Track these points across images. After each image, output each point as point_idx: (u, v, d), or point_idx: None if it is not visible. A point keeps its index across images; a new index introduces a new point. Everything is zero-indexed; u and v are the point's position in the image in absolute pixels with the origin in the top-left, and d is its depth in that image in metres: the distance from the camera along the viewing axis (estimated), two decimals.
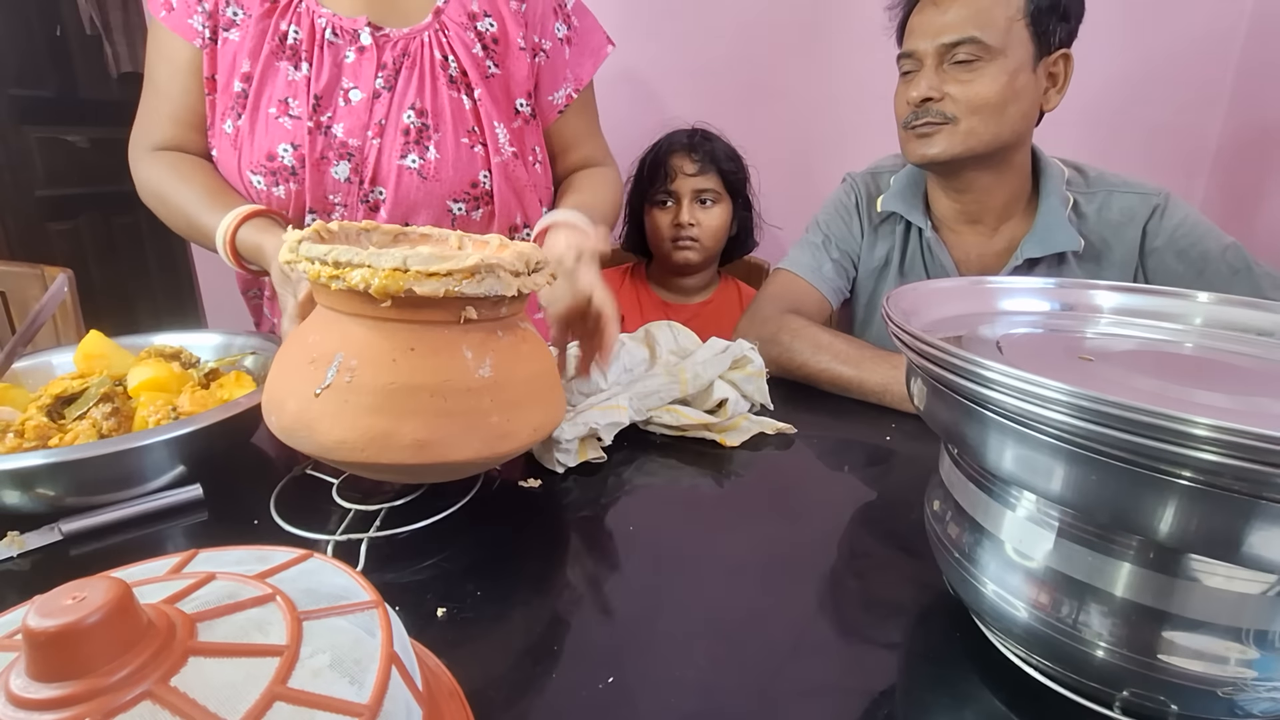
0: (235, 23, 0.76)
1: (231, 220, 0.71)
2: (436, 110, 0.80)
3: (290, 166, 0.77)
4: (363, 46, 0.78)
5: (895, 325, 0.38)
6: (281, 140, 0.76)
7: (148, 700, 0.19)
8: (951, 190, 0.90)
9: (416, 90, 0.79)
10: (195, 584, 0.25)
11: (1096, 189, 0.89)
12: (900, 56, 0.87)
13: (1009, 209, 0.90)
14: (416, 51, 0.79)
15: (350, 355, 0.44)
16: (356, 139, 0.78)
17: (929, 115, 0.82)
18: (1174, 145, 1.40)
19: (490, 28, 0.82)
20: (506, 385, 0.48)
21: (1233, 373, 0.39)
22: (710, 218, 1.27)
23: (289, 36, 0.76)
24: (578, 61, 0.89)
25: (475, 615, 0.42)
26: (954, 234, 0.94)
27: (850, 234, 1.00)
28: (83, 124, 2.08)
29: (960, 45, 0.79)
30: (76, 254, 2.08)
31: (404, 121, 0.79)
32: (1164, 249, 0.85)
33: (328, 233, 0.52)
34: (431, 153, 0.80)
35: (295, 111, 0.76)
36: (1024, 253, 0.87)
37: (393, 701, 0.22)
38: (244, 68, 0.76)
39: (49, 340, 1.09)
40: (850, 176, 1.04)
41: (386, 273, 0.42)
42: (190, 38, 0.76)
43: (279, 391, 0.47)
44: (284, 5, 0.77)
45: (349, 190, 0.79)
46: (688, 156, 1.25)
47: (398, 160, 0.79)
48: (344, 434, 0.44)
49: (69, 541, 0.49)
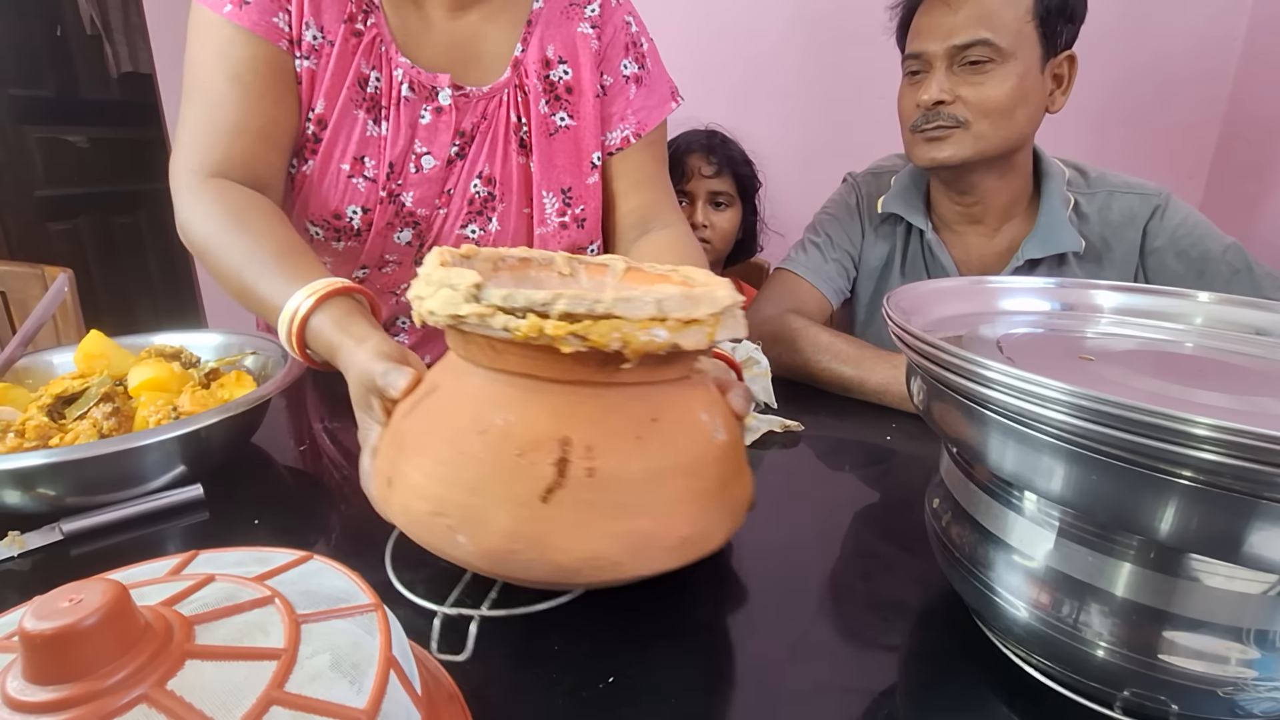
0: (315, 48, 0.67)
1: (303, 302, 0.52)
2: (504, 179, 0.76)
3: (355, 228, 0.73)
4: (441, 107, 0.72)
5: (896, 325, 0.38)
6: (352, 202, 0.71)
7: (143, 704, 0.19)
8: (955, 192, 0.90)
9: (488, 157, 0.75)
10: (194, 586, 0.25)
11: (1097, 189, 0.88)
12: (907, 57, 0.86)
13: (1011, 210, 0.90)
14: (494, 114, 0.74)
15: (581, 439, 0.34)
16: (425, 209, 0.75)
17: (940, 119, 0.82)
18: (1174, 145, 1.40)
19: (565, 75, 0.76)
20: (736, 445, 0.40)
21: (1233, 372, 0.39)
22: (723, 220, 1.27)
23: (369, 83, 0.70)
24: (643, 105, 0.80)
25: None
26: (955, 234, 0.94)
27: (851, 234, 1.00)
28: (83, 124, 2.09)
29: (972, 47, 0.79)
30: (77, 254, 2.08)
31: (470, 191, 0.75)
32: (1164, 249, 0.85)
33: (462, 260, 0.42)
34: (494, 225, 0.77)
35: (370, 174, 0.71)
36: (1025, 253, 0.87)
37: (392, 704, 0.22)
38: (319, 108, 0.68)
39: (49, 340, 1.09)
40: (851, 176, 1.04)
41: (642, 323, 0.32)
42: (276, 39, 0.65)
43: (464, 504, 0.34)
44: (368, 42, 0.69)
45: (406, 251, 0.77)
46: (705, 158, 1.25)
47: (458, 229, 0.77)
48: (595, 547, 0.33)
49: (69, 541, 0.49)
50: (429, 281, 0.36)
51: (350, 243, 0.74)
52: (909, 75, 0.87)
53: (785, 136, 1.51)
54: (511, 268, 0.45)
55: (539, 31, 0.75)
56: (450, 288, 0.34)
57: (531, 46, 0.75)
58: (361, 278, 0.77)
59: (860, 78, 1.43)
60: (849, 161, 1.11)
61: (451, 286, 0.34)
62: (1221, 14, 1.32)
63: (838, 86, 1.47)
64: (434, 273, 0.36)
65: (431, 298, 0.35)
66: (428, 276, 0.36)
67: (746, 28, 1.46)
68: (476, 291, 0.33)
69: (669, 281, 0.46)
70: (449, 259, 0.39)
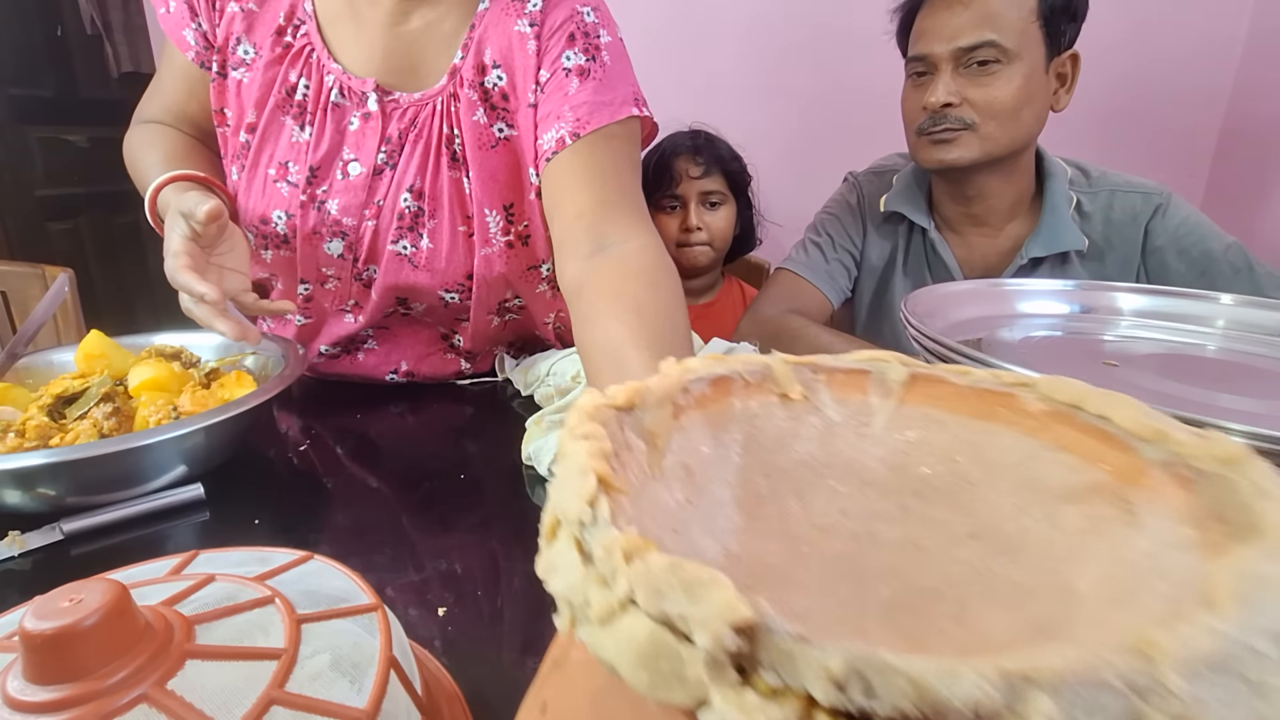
0: (246, 62, 0.70)
1: (160, 179, 0.66)
2: (434, 194, 0.71)
3: (282, 234, 0.72)
4: (368, 113, 0.69)
5: (915, 329, 0.37)
6: (276, 206, 0.71)
7: (144, 704, 0.19)
8: (959, 194, 0.90)
9: (418, 169, 0.70)
10: (195, 586, 0.25)
11: (1099, 188, 0.88)
12: (911, 59, 0.86)
13: (1014, 210, 0.90)
14: (424, 123, 0.70)
15: None
16: (351, 218, 0.71)
17: (948, 121, 0.81)
18: (1174, 145, 1.40)
19: (499, 81, 0.69)
20: None
21: (1256, 376, 0.39)
22: (717, 219, 1.27)
23: (298, 90, 0.70)
24: (587, 101, 0.67)
25: (475, 615, 0.42)
26: (958, 234, 0.94)
27: (852, 233, 1.00)
28: (83, 124, 2.08)
29: (979, 49, 0.79)
30: (77, 254, 2.08)
31: (400, 205, 0.71)
32: (1166, 248, 0.85)
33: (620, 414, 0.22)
34: (425, 241, 0.72)
35: (293, 179, 0.71)
36: (1028, 252, 0.87)
37: (392, 704, 0.22)
38: (249, 118, 0.71)
39: (50, 340, 1.09)
40: (852, 175, 1.04)
41: None
42: (183, 49, 0.71)
43: None
44: (296, 51, 0.69)
45: (342, 265, 0.74)
46: (692, 159, 1.25)
47: (389, 245, 0.72)
48: None
49: (70, 541, 0.49)
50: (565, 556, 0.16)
51: (282, 251, 0.73)
52: (913, 77, 0.87)
53: (786, 135, 1.51)
54: (700, 402, 0.24)
55: (479, 35, 0.70)
56: (626, 610, 0.14)
57: (470, 53, 0.70)
58: (306, 294, 0.76)
59: (861, 76, 1.43)
60: (849, 160, 1.11)
61: (625, 603, 0.14)
62: (1222, 15, 1.31)
63: (839, 85, 1.47)
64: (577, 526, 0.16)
65: (578, 597, 0.15)
66: (566, 513, 0.17)
67: (747, 26, 1.46)
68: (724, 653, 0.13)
69: (1025, 417, 0.22)
70: (591, 424, 0.20)
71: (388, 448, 0.67)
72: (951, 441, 0.22)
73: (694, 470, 0.21)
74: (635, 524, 0.16)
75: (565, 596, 0.15)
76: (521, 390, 0.77)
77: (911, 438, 0.21)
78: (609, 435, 0.19)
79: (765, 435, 0.24)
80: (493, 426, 0.72)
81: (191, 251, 0.60)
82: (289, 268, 0.75)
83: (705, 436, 0.23)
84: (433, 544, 0.50)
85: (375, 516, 0.54)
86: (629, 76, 0.72)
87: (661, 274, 0.59)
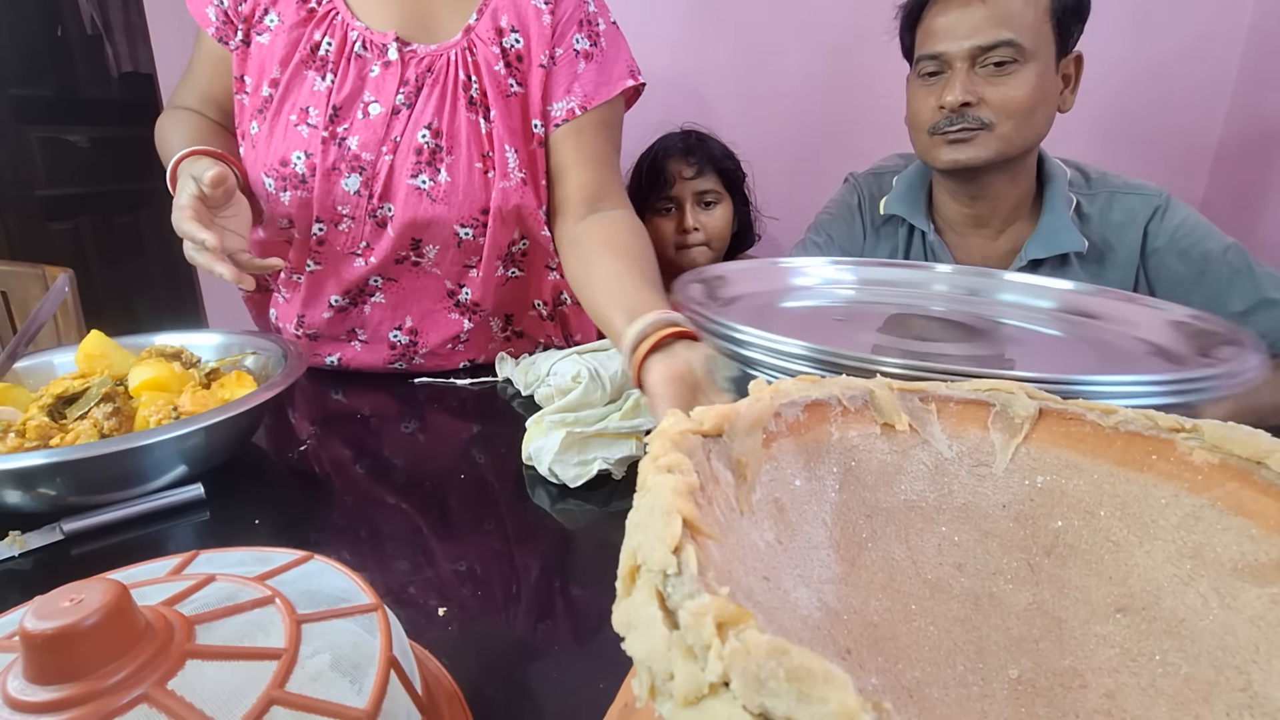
0: (270, 29, 0.77)
1: (182, 151, 0.73)
2: (452, 133, 0.78)
3: (301, 174, 0.77)
4: (388, 61, 0.77)
5: (680, 297, 0.46)
6: (296, 148, 0.77)
7: (144, 703, 0.19)
8: (966, 195, 0.89)
9: (435, 109, 0.78)
10: (195, 586, 0.25)
11: (1098, 190, 0.88)
12: (922, 58, 0.84)
13: (1016, 211, 0.90)
14: (440, 70, 0.78)
15: None
16: (370, 154, 0.77)
17: (965, 120, 0.80)
18: (1175, 145, 1.40)
19: (516, 44, 0.80)
20: None
21: (958, 329, 0.53)
22: (713, 219, 1.27)
23: (321, 47, 0.77)
24: (590, 79, 0.81)
25: (475, 615, 0.42)
26: (958, 236, 0.93)
27: (852, 235, 0.99)
28: (84, 124, 2.08)
29: (996, 48, 0.78)
30: (77, 253, 2.08)
31: (418, 140, 0.77)
32: (1165, 249, 0.85)
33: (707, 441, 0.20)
34: (443, 175, 0.78)
35: (313, 121, 0.77)
36: (1028, 254, 0.86)
37: (392, 704, 0.22)
38: (273, 74, 0.77)
39: (50, 340, 1.09)
40: (853, 177, 1.04)
41: None
42: (204, 25, 0.79)
43: None
44: (321, 15, 0.77)
45: (358, 203, 0.79)
46: (685, 160, 1.25)
47: (408, 179, 0.78)
48: None
49: (70, 541, 0.49)
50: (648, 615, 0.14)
51: (300, 191, 0.78)
52: (923, 77, 0.85)
53: (786, 134, 1.51)
54: (794, 429, 0.21)
55: (493, 5, 0.80)
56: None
57: (485, 16, 0.79)
58: (320, 235, 0.80)
59: (861, 75, 1.43)
60: (849, 160, 1.11)
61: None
62: (1223, 13, 1.31)
63: (838, 84, 1.47)
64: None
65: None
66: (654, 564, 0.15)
67: (747, 25, 1.46)
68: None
69: (1187, 469, 0.19)
70: (675, 454, 0.17)
71: (388, 448, 0.67)
72: (1091, 491, 0.19)
73: (786, 507, 0.19)
74: (723, 573, 0.15)
75: (645, 662, 0.13)
76: (521, 390, 0.77)
77: (1041, 484, 0.19)
78: (695, 466, 0.17)
79: (866, 470, 0.21)
80: (493, 426, 0.72)
81: (196, 207, 0.66)
82: (305, 208, 0.79)
83: (799, 468, 0.21)
84: (433, 544, 0.50)
85: (375, 516, 0.54)
86: (624, 54, 0.85)
87: (639, 231, 0.77)
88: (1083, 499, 0.18)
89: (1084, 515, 0.18)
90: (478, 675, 0.35)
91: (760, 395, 0.21)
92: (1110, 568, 0.17)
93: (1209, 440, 0.18)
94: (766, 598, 0.16)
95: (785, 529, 0.18)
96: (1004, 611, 0.16)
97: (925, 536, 0.19)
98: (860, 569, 0.18)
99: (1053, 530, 0.18)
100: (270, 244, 0.83)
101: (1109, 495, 0.18)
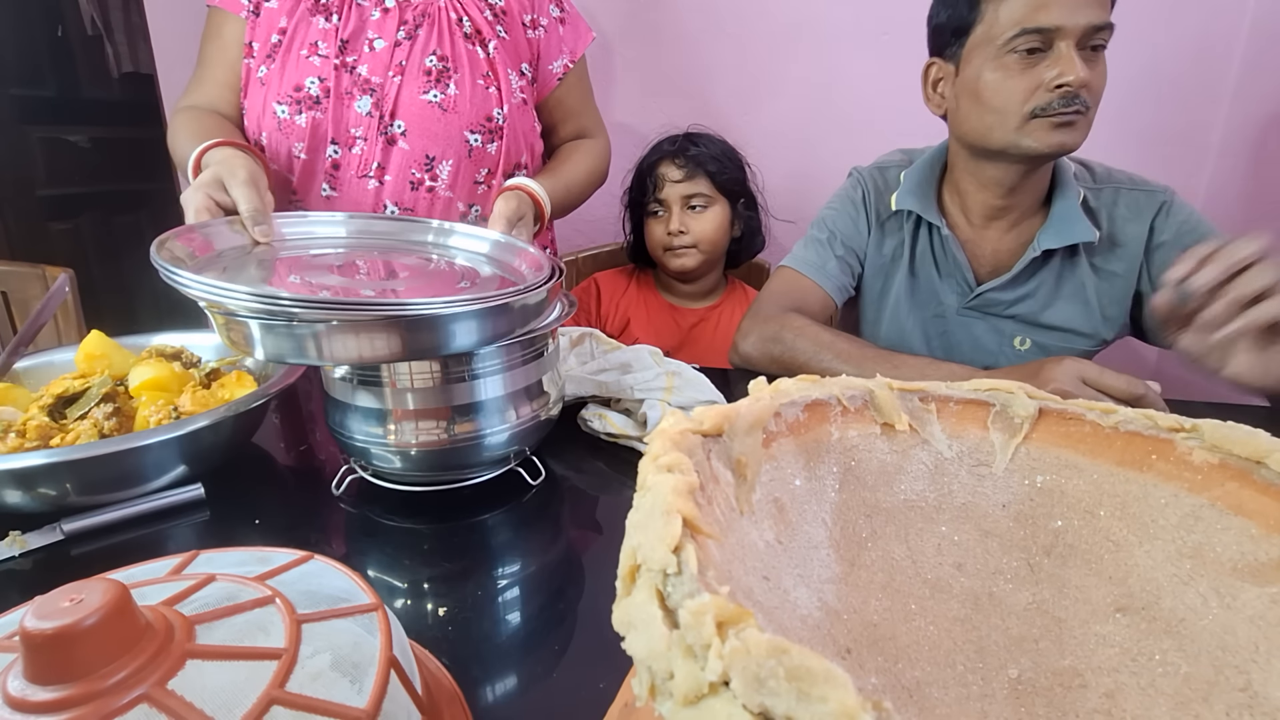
0: None
1: (201, 148, 0.74)
2: (455, 57, 0.90)
3: (315, 96, 0.85)
4: (387, 8, 0.88)
5: (155, 259, 0.53)
6: (309, 74, 0.85)
7: (144, 703, 0.19)
8: (1004, 185, 0.86)
9: (437, 41, 0.89)
10: (195, 585, 0.25)
11: (1104, 185, 0.89)
12: (1025, 32, 0.76)
13: (1036, 203, 0.89)
14: (435, 14, 0.90)
15: None
16: (379, 77, 0.87)
17: (1077, 103, 0.75)
18: (1175, 144, 1.40)
19: (498, 1, 0.94)
20: None
21: (370, 269, 0.60)
22: (701, 223, 1.25)
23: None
24: (571, 39, 1.02)
25: (475, 615, 0.42)
26: (971, 229, 0.93)
27: (856, 230, 0.99)
28: (84, 124, 2.08)
29: (1103, 30, 0.75)
30: (78, 253, 2.08)
31: (425, 64, 0.88)
32: (1170, 245, 0.85)
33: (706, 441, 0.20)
34: (451, 89, 0.89)
35: (324, 52, 0.86)
36: (1041, 243, 0.85)
37: (392, 704, 0.22)
38: (280, 24, 0.86)
39: (50, 340, 1.09)
40: (856, 171, 1.04)
41: None
42: (237, 10, 0.87)
43: None
44: None
45: (369, 124, 0.87)
46: (672, 163, 1.24)
47: (420, 95, 0.87)
48: None
49: (70, 541, 0.49)
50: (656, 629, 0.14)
51: (314, 112, 0.86)
52: (1020, 54, 0.77)
53: (787, 134, 1.51)
54: (794, 429, 0.21)
55: None
56: None
57: None
58: (334, 159, 0.88)
59: (861, 74, 1.42)
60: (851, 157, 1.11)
61: None
62: (1223, 12, 1.31)
63: (839, 83, 1.47)
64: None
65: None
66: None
67: (747, 25, 1.46)
68: None
69: (1187, 469, 0.18)
70: (675, 453, 0.18)
71: None
72: (1091, 491, 0.19)
73: (786, 506, 0.20)
74: (723, 572, 0.15)
75: (645, 662, 0.13)
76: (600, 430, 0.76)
77: (1041, 484, 0.19)
78: (695, 465, 0.17)
79: (866, 470, 0.21)
80: None
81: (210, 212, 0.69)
82: (319, 131, 0.87)
83: (799, 468, 0.21)
84: (433, 544, 0.50)
85: (375, 516, 0.54)
86: (577, 12, 1.06)
87: (588, 148, 1.06)
88: (1082, 499, 0.18)
89: (1084, 515, 0.18)
90: (478, 675, 0.35)
91: (760, 395, 0.21)
92: (1110, 567, 0.17)
93: (1208, 440, 0.18)
94: (766, 597, 0.16)
95: (785, 528, 0.19)
96: (1004, 611, 0.16)
97: (925, 536, 0.19)
98: (860, 569, 0.18)
99: (1052, 530, 0.18)
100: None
101: (1109, 495, 0.18)
